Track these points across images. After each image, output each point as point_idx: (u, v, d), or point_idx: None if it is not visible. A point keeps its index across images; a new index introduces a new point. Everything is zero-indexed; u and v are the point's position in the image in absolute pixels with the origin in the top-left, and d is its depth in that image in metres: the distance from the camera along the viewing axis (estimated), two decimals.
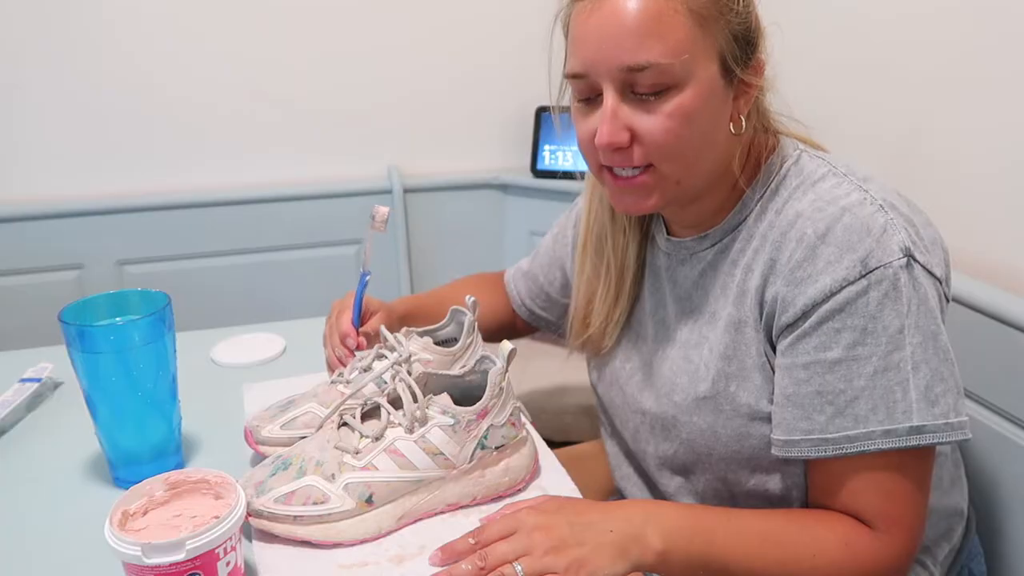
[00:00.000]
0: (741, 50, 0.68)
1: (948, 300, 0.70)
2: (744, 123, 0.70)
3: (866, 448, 0.65)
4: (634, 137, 0.69)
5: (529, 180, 1.82)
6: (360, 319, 0.91)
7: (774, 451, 0.70)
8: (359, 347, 0.87)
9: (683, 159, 0.70)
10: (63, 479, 0.81)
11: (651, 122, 0.68)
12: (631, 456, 0.91)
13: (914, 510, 0.67)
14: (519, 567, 0.61)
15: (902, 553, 0.66)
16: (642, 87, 0.67)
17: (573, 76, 0.71)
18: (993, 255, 1.01)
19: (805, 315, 0.67)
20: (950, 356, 0.67)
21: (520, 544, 0.63)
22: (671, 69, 0.65)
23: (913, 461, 0.66)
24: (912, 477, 0.67)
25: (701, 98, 0.67)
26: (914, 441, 0.64)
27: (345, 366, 0.87)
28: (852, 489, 0.67)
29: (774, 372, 0.71)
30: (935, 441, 0.65)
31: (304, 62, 1.71)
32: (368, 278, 0.91)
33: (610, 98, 0.68)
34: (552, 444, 0.86)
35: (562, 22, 0.73)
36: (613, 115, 0.68)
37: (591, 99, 0.71)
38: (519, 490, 0.77)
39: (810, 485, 0.71)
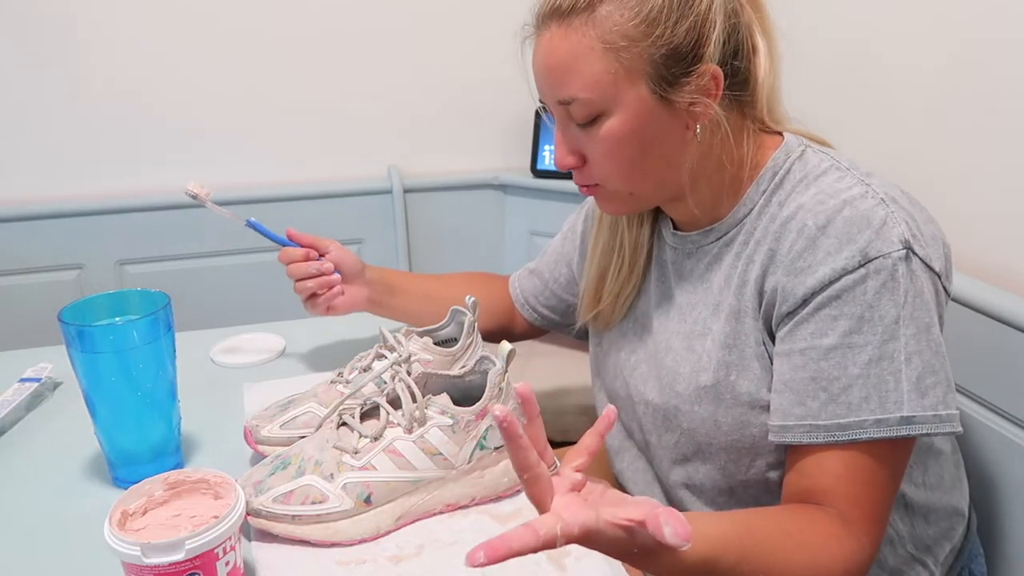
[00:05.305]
0: (671, 69, 0.69)
1: (949, 295, 0.71)
2: (699, 131, 0.72)
3: (857, 437, 0.65)
4: (583, 158, 0.75)
5: (529, 180, 1.82)
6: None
7: (771, 437, 0.71)
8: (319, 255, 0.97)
9: (627, 176, 0.74)
10: (63, 479, 0.81)
11: (591, 147, 0.74)
12: (632, 447, 0.91)
13: (887, 502, 0.68)
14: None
15: (874, 551, 0.67)
16: (576, 117, 0.72)
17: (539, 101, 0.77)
18: (993, 255, 1.01)
19: (804, 303, 0.68)
20: (942, 350, 0.67)
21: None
22: (593, 101, 0.70)
23: (895, 453, 0.67)
24: (890, 470, 0.67)
25: (631, 122, 0.71)
26: (904, 431, 0.65)
27: (329, 283, 0.95)
28: (834, 476, 0.67)
29: (772, 361, 0.72)
30: (924, 432, 0.65)
31: (304, 62, 1.71)
32: (253, 220, 0.97)
33: (557, 126, 0.76)
34: (552, 444, 0.86)
35: None
36: (560, 142, 0.76)
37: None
38: (518, 491, 0.77)
39: (791, 468, 0.71)
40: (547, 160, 1.81)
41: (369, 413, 0.75)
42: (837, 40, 1.25)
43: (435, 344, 0.86)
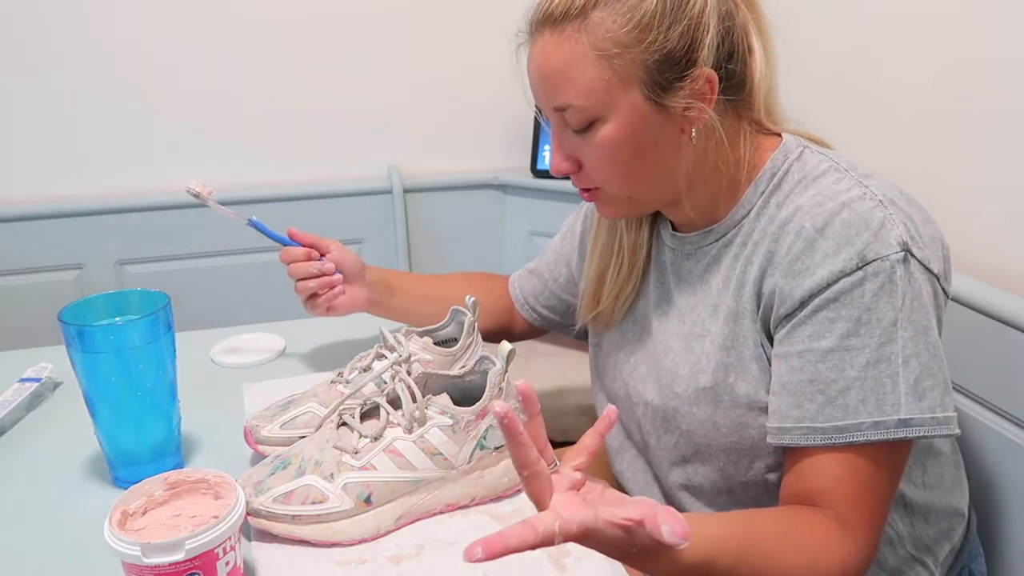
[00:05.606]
0: (664, 74, 0.69)
1: (947, 296, 0.71)
2: (694, 135, 0.72)
3: (855, 439, 0.65)
4: (579, 163, 0.75)
5: (529, 180, 1.82)
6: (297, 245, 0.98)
7: (768, 439, 0.71)
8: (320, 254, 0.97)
9: (623, 180, 0.75)
10: (63, 479, 0.81)
11: (586, 152, 0.74)
12: (632, 447, 0.91)
13: (885, 504, 0.68)
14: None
15: (872, 553, 0.67)
16: (571, 123, 0.72)
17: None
18: (993, 255, 1.01)
19: (802, 305, 0.68)
20: (940, 352, 0.67)
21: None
22: (588, 107, 0.70)
23: (893, 456, 0.67)
24: (888, 472, 0.67)
25: (626, 128, 0.71)
26: (901, 434, 0.65)
27: (330, 283, 0.95)
28: (832, 478, 0.67)
29: (770, 363, 0.72)
30: (922, 434, 0.65)
31: (304, 62, 1.71)
32: (255, 219, 0.96)
33: (553, 131, 0.76)
34: (552, 444, 0.86)
35: None
36: (556, 147, 0.76)
37: None
38: (519, 491, 0.77)
39: (789, 470, 0.71)
40: (547, 160, 1.80)
41: (369, 413, 0.75)
42: (832, 39, 1.25)
43: (435, 344, 0.86)
